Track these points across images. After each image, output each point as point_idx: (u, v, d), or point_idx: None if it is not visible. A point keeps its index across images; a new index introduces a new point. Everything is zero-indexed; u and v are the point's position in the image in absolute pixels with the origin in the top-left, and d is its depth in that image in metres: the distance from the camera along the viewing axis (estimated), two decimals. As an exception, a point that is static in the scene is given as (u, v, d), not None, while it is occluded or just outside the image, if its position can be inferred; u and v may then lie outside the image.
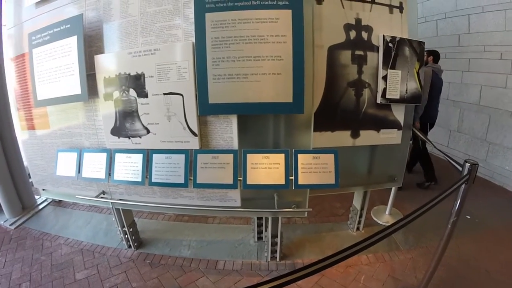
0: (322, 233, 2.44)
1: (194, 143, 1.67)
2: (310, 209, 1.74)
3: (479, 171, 2.45)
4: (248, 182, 1.62)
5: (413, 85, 1.95)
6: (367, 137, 1.91)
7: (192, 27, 1.57)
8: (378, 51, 1.84)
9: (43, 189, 2.32)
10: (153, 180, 1.73)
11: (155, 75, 1.63)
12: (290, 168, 1.63)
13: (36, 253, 2.43)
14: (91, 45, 1.80)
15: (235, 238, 2.40)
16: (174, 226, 2.64)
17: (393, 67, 1.87)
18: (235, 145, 1.67)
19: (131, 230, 2.28)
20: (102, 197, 2.00)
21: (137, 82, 1.67)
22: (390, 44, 1.85)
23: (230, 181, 1.64)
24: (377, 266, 2.08)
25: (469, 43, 3.54)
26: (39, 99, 1.98)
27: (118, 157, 1.81)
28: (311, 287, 1.90)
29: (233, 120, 1.63)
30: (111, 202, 2.02)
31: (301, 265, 0.92)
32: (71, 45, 1.78)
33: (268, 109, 1.57)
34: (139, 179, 1.75)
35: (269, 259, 2.11)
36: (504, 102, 3.22)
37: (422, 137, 2.21)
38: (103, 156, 1.84)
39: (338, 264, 1.05)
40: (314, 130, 1.69)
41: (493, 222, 2.57)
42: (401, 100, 1.92)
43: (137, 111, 1.70)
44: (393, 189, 2.49)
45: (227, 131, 1.66)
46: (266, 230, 2.13)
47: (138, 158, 1.76)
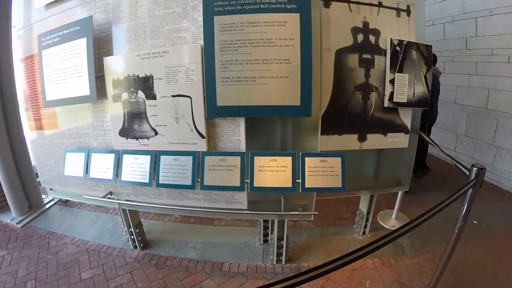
0: (328, 236, 2.43)
1: (201, 145, 1.68)
2: (316, 213, 1.74)
3: (487, 176, 2.43)
4: (255, 184, 1.62)
5: (420, 89, 1.94)
6: (374, 141, 1.90)
7: (201, 30, 1.58)
8: (385, 54, 1.83)
9: (50, 189, 2.34)
10: (160, 182, 1.74)
11: (163, 77, 1.65)
12: (297, 171, 1.64)
13: (42, 252, 2.45)
14: (100, 47, 1.82)
15: (241, 241, 2.40)
16: (180, 228, 2.65)
17: (400, 71, 1.86)
18: (243, 147, 1.68)
19: (137, 230, 2.29)
20: (109, 198, 2.01)
21: (146, 84, 1.68)
22: (398, 48, 1.84)
23: (237, 184, 1.65)
24: (382, 271, 2.07)
25: (477, 46, 3.51)
26: (48, 99, 2.01)
27: (126, 158, 1.82)
28: (316, 290, 1.90)
29: (241, 123, 1.64)
30: (118, 203, 2.03)
31: (307, 268, 0.92)
32: (80, 46, 1.81)
33: (275, 112, 1.58)
34: (147, 180, 1.77)
35: (275, 262, 2.10)
36: (512, 106, 3.19)
37: (429, 141, 2.19)
38: (111, 157, 1.86)
39: (344, 268, 1.04)
40: (321, 134, 1.69)
41: (500, 227, 2.54)
42: (408, 104, 1.90)
43: (145, 112, 1.72)
44: (400, 193, 2.47)
45: (234, 134, 1.67)
46: (272, 233, 2.13)
47: (146, 159, 1.77)
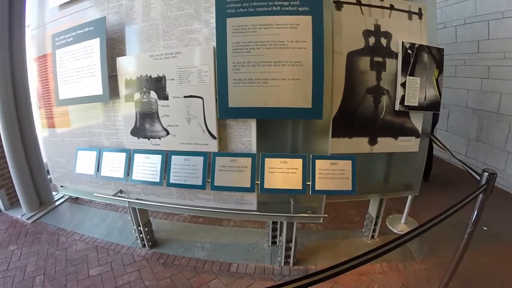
0: (336, 239, 2.42)
1: (213, 146, 1.69)
2: (325, 215, 1.74)
3: (498, 181, 2.40)
4: (266, 186, 1.63)
5: (432, 93, 1.92)
6: (385, 144, 1.89)
7: (213, 32, 1.59)
8: (397, 57, 1.82)
9: (61, 186, 2.38)
10: (171, 181, 1.76)
11: (176, 78, 1.66)
12: (308, 173, 1.63)
13: (51, 248, 2.49)
14: (113, 47, 1.84)
15: (249, 242, 2.40)
16: (189, 228, 2.67)
17: (412, 74, 1.84)
18: (253, 149, 1.68)
19: (146, 229, 2.31)
20: (119, 196, 2.03)
21: (158, 85, 1.70)
22: (409, 51, 1.83)
23: (248, 185, 1.65)
24: (390, 276, 2.05)
25: (489, 49, 3.46)
26: (61, 98, 2.04)
27: (137, 157, 1.84)
28: (324, 294, 1.89)
29: (252, 124, 1.65)
30: (128, 201, 2.05)
31: (314, 271, 0.92)
32: (93, 47, 1.83)
33: (287, 114, 1.58)
34: (157, 180, 1.78)
35: (282, 264, 2.10)
36: (525, 111, 3.14)
37: (441, 145, 2.17)
38: (122, 156, 1.88)
39: (352, 272, 1.04)
40: (332, 136, 1.69)
41: (511, 235, 2.50)
42: (419, 108, 1.89)
43: (157, 113, 1.73)
44: (409, 198, 2.45)
45: (245, 135, 1.67)
46: (280, 235, 2.12)
47: (157, 159, 1.78)
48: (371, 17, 1.78)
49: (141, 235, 2.33)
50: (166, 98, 1.70)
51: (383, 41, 1.81)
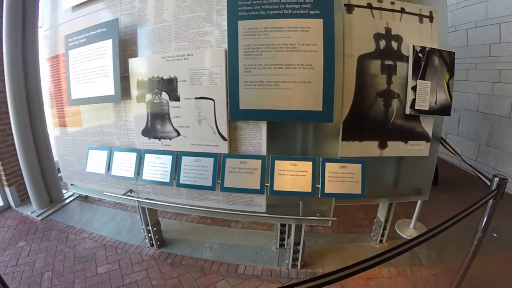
0: (344, 243, 2.41)
1: (223, 147, 1.70)
2: (334, 218, 1.73)
3: (508, 187, 2.36)
4: (275, 188, 1.63)
5: (442, 96, 1.91)
6: (395, 148, 1.88)
7: (225, 34, 1.60)
8: (407, 61, 1.81)
9: (71, 184, 2.41)
10: (181, 182, 1.77)
11: (187, 80, 1.67)
12: (317, 176, 1.63)
13: (60, 245, 2.52)
14: (126, 48, 1.86)
15: (257, 244, 2.40)
16: (197, 228, 2.68)
17: (422, 78, 1.83)
18: (264, 151, 1.68)
19: (155, 229, 2.32)
20: (129, 195, 2.05)
21: (170, 86, 1.72)
22: (420, 54, 1.82)
23: (257, 187, 1.65)
24: (398, 281, 2.03)
25: (500, 53, 3.41)
26: (73, 98, 2.07)
27: (148, 157, 1.85)
28: (331, 297, 1.88)
29: (263, 126, 1.65)
30: (138, 201, 2.06)
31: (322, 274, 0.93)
32: (106, 48, 1.86)
33: (297, 117, 1.58)
34: (167, 180, 1.79)
35: (290, 267, 2.10)
36: (536, 116, 3.09)
37: (451, 150, 2.15)
38: (133, 156, 1.90)
39: (359, 276, 1.04)
40: (342, 139, 1.68)
41: (521, 242, 2.46)
42: (430, 112, 1.87)
43: (168, 113, 1.75)
44: (419, 203, 2.43)
45: (256, 137, 1.68)
46: (288, 237, 2.12)
47: (168, 159, 1.80)
48: (382, 20, 1.78)
49: (149, 235, 2.35)
50: (177, 99, 1.71)
51: (394, 45, 1.81)
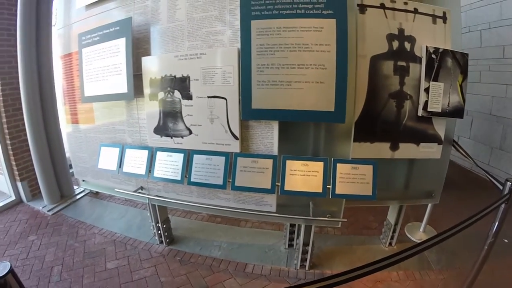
0: (353, 245, 2.39)
1: (235, 146, 1.71)
2: (344, 220, 1.72)
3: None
4: (286, 188, 1.63)
5: (455, 99, 1.88)
6: (407, 150, 1.85)
7: (237, 33, 1.61)
8: (420, 62, 1.79)
9: (83, 180, 2.45)
10: (192, 180, 1.78)
11: (200, 78, 1.69)
12: (328, 176, 1.63)
13: (70, 240, 2.56)
14: (139, 47, 1.88)
15: (266, 243, 2.40)
16: (207, 227, 2.69)
17: (435, 79, 1.81)
18: (275, 150, 1.69)
19: (164, 226, 2.34)
20: (140, 192, 2.08)
21: (182, 84, 1.73)
22: (433, 56, 1.80)
23: (268, 186, 1.66)
24: (406, 284, 2.01)
25: (515, 55, 3.35)
26: (86, 95, 2.10)
27: (159, 155, 1.88)
28: (339, 299, 1.87)
29: (275, 126, 1.65)
30: (148, 198, 2.08)
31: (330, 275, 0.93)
32: (119, 46, 1.88)
33: (309, 117, 1.58)
34: (179, 178, 1.81)
35: (298, 267, 2.10)
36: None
37: (463, 153, 2.12)
38: (144, 153, 1.92)
39: (367, 279, 1.03)
40: (353, 140, 1.67)
41: (533, 248, 2.41)
42: (442, 114, 1.85)
43: (180, 112, 1.76)
44: (429, 206, 2.40)
45: (267, 137, 1.68)
46: (297, 238, 2.12)
47: (179, 157, 1.81)
48: (395, 21, 1.76)
49: (159, 232, 2.37)
50: (190, 98, 1.73)
51: (407, 45, 1.79)
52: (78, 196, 3.32)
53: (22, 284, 1.02)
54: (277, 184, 1.66)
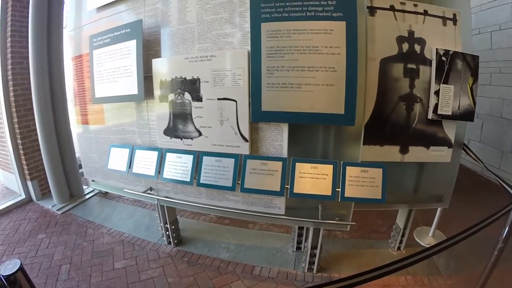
0: (361, 249, 2.37)
1: (244, 148, 1.71)
2: (353, 223, 1.71)
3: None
4: (295, 190, 1.63)
5: (466, 101, 1.86)
6: (416, 154, 1.84)
7: (247, 36, 1.62)
8: (430, 64, 1.77)
9: (92, 180, 2.48)
10: (201, 181, 1.79)
11: (210, 80, 1.70)
12: (338, 179, 1.62)
13: (79, 239, 2.59)
14: (149, 49, 1.90)
15: (274, 246, 2.40)
16: (215, 228, 2.70)
17: (446, 82, 1.79)
18: (284, 153, 1.69)
19: (172, 227, 2.35)
20: (149, 193, 2.09)
21: (193, 86, 1.74)
22: (443, 58, 1.78)
23: (277, 188, 1.66)
24: (414, 289, 1.99)
25: (526, 57, 3.31)
26: (97, 96, 2.13)
27: (169, 156, 1.89)
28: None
29: (284, 129, 1.65)
30: (157, 199, 2.10)
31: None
32: (130, 48, 1.90)
33: (319, 120, 1.58)
34: (188, 179, 1.82)
35: (306, 270, 2.09)
36: None
37: (474, 157, 2.09)
38: (154, 154, 1.93)
39: (375, 283, 1.02)
40: (363, 143, 1.66)
41: (544, 254, 2.36)
42: (453, 117, 1.83)
43: (190, 114, 1.78)
44: (439, 210, 2.37)
45: (277, 139, 1.68)
46: (306, 241, 2.11)
47: (189, 159, 1.82)
48: (405, 23, 1.75)
49: (167, 233, 2.38)
50: (200, 99, 1.74)
51: (417, 48, 1.78)
52: (87, 196, 3.36)
53: (31, 281, 1.04)
54: (286, 186, 1.65)
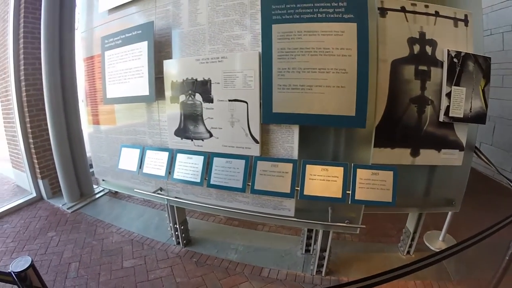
0: (370, 253, 2.35)
1: (255, 150, 1.72)
2: (363, 226, 1.70)
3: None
4: (305, 192, 1.63)
5: (477, 104, 1.84)
6: (427, 157, 1.82)
7: (258, 37, 1.62)
8: (442, 66, 1.75)
9: (103, 180, 2.51)
10: (211, 182, 1.80)
11: (221, 82, 1.71)
12: (348, 182, 1.61)
13: (88, 237, 2.62)
14: (160, 50, 1.92)
15: (283, 248, 2.39)
16: (224, 229, 2.70)
17: (457, 84, 1.77)
18: (295, 154, 1.69)
19: (182, 227, 2.36)
20: (159, 193, 2.11)
21: (204, 88, 1.76)
22: (455, 59, 1.76)
23: (287, 190, 1.66)
24: (424, 294, 1.97)
25: (539, 58, 3.25)
26: (108, 97, 2.15)
27: (180, 157, 1.90)
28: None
29: (295, 130, 1.65)
30: (167, 199, 2.11)
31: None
32: (141, 49, 1.92)
33: (330, 122, 1.57)
34: (198, 180, 1.83)
35: (315, 273, 2.07)
36: None
37: (485, 160, 2.06)
38: (165, 155, 1.95)
39: (384, 287, 1.01)
40: (374, 146, 1.65)
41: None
42: (464, 119, 1.81)
43: (201, 115, 1.79)
44: (450, 214, 2.33)
45: (288, 141, 1.68)
46: (315, 243, 2.10)
47: (199, 159, 1.84)
48: (416, 24, 1.74)
49: (176, 233, 2.39)
50: (211, 101, 1.75)
51: (428, 49, 1.76)
52: (98, 195, 3.41)
53: (41, 278, 1.06)
54: (296, 188, 1.65)
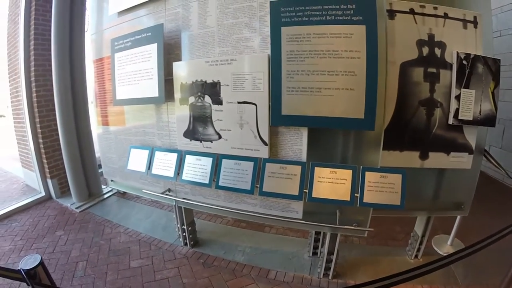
0: (378, 256, 2.33)
1: (263, 152, 1.72)
2: (371, 229, 1.69)
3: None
4: (314, 195, 1.62)
5: (487, 106, 1.82)
6: (436, 160, 1.81)
7: (267, 40, 1.63)
8: (451, 68, 1.74)
9: (111, 180, 2.53)
10: (220, 184, 1.81)
11: (230, 84, 1.72)
12: (357, 185, 1.61)
13: (96, 237, 2.65)
14: (170, 52, 1.94)
15: (290, 250, 2.39)
16: (231, 231, 2.71)
17: (467, 86, 1.76)
18: (304, 157, 1.69)
19: (189, 228, 2.37)
20: (167, 194, 2.12)
21: (213, 90, 1.77)
22: (464, 62, 1.75)
23: (296, 192, 1.66)
24: (431, 299, 1.95)
25: (549, 61, 3.21)
26: (118, 98, 2.18)
27: (188, 158, 1.92)
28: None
29: (304, 133, 1.66)
30: (175, 200, 2.13)
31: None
32: (151, 51, 1.94)
33: (339, 124, 1.57)
34: (207, 181, 1.84)
35: (321, 276, 2.07)
36: None
37: (495, 163, 2.04)
38: (173, 156, 1.97)
39: None
40: (382, 149, 1.64)
41: None
42: (474, 122, 1.79)
43: (210, 117, 1.80)
44: (458, 218, 2.31)
45: (296, 143, 1.69)
46: (322, 246, 2.09)
47: (208, 161, 1.85)
48: (425, 26, 1.73)
49: (184, 234, 2.40)
50: (220, 103, 1.76)
51: (437, 51, 1.75)
52: (106, 196, 3.45)
53: (50, 276, 1.08)
54: (304, 190, 1.65)
